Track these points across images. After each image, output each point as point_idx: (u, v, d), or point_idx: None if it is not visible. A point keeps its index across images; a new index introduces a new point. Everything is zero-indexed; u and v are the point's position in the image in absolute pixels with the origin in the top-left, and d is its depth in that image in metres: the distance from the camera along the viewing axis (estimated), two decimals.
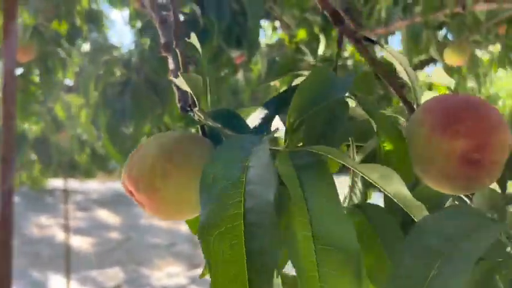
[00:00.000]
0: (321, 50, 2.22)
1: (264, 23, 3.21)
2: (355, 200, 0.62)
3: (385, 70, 0.54)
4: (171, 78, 0.52)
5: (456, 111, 0.48)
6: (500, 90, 5.61)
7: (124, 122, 1.48)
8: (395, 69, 0.60)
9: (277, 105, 0.57)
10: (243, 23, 1.31)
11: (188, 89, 0.51)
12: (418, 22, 2.00)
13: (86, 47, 2.66)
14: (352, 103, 0.55)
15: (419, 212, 0.45)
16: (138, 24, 2.26)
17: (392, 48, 0.56)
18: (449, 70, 2.48)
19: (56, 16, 2.09)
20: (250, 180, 0.35)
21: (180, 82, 0.51)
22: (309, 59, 2.00)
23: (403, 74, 0.58)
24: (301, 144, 0.48)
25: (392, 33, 2.56)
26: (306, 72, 0.61)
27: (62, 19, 2.13)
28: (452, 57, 2.05)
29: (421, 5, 1.87)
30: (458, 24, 1.98)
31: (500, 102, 5.49)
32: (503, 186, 0.54)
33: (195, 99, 0.52)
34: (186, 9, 1.31)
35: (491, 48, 3.26)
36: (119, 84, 1.52)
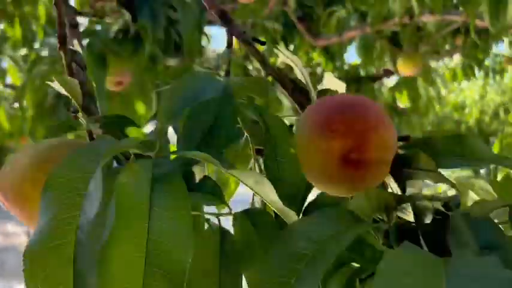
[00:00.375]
0: (281, 57, 2.21)
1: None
2: (257, 205, 0.61)
3: (276, 72, 0.53)
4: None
5: (335, 111, 0.47)
6: (467, 99, 5.73)
7: (61, 134, 1.45)
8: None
9: None
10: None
11: (65, 93, 0.49)
12: (371, 32, 2.01)
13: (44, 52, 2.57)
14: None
15: (290, 217, 0.44)
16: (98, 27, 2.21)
17: (286, 49, 0.56)
18: (407, 79, 2.50)
19: (8, 20, 2.03)
20: (88, 196, 0.33)
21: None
22: (257, 65, 1.99)
23: (299, 75, 0.58)
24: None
25: (352, 41, 2.57)
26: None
27: (15, 23, 2.07)
28: (404, 67, 2.07)
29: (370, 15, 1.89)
30: (410, 34, 1.99)
31: (466, 110, 5.60)
32: (401, 187, 0.53)
33: (76, 103, 0.50)
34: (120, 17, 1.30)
35: (456, 58, 3.31)
36: (56, 95, 1.49)
